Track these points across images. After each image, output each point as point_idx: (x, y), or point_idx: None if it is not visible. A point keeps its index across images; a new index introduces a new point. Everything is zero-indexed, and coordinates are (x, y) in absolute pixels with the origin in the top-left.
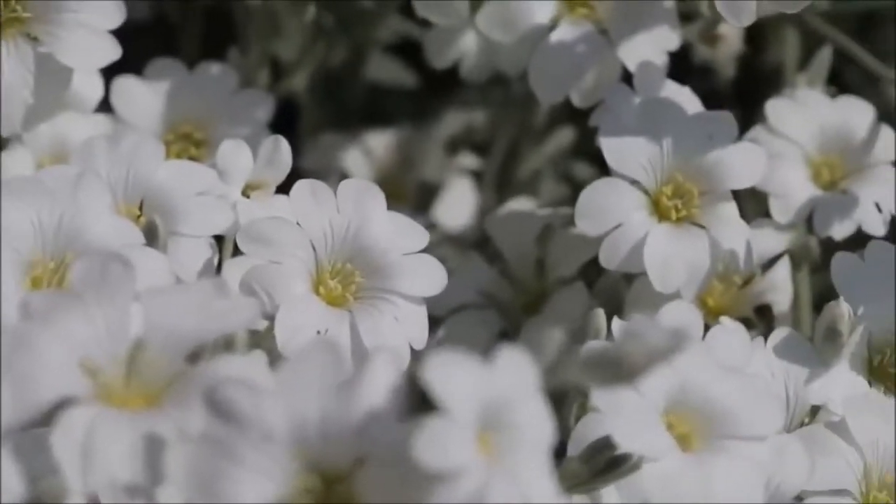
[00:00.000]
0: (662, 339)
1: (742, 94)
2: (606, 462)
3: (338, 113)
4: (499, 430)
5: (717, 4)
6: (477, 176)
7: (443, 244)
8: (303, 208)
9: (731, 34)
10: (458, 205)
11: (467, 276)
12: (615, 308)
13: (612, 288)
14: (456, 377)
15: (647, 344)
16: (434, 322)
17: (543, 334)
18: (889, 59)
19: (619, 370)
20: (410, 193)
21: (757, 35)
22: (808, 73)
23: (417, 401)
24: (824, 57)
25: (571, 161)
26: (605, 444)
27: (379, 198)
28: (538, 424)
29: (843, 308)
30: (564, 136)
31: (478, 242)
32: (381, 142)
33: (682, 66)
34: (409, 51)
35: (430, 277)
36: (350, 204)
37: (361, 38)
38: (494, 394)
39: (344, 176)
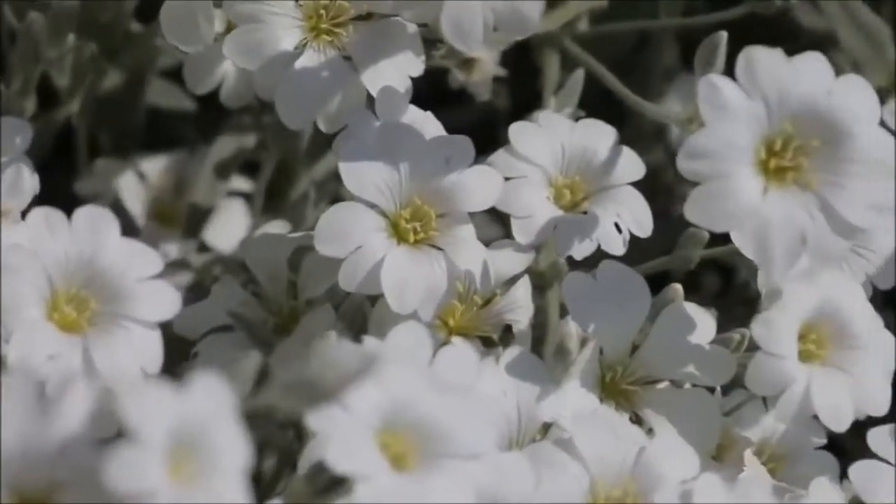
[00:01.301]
0: (354, 361)
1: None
2: (327, 482)
3: (118, 139)
4: (193, 453)
5: (444, 31)
6: (249, 198)
7: (215, 266)
8: (37, 236)
9: (487, 58)
10: (228, 227)
11: (220, 298)
12: (360, 328)
13: (358, 309)
14: (147, 404)
15: (340, 366)
16: (190, 345)
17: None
18: (670, 76)
19: (316, 392)
20: (183, 217)
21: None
22: (560, 95)
23: None
24: (577, 80)
25: (341, 184)
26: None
27: (112, 224)
28: (233, 447)
29: (570, 327)
30: (332, 160)
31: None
32: (154, 166)
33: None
34: None
35: (164, 303)
36: (83, 231)
37: (131, 64)
38: (189, 419)
39: (119, 201)
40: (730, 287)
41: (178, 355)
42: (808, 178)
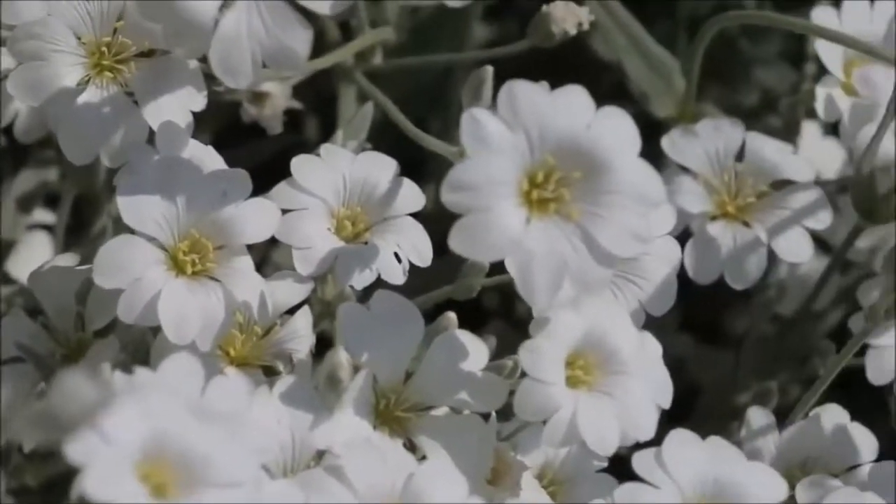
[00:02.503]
0: (93, 393)
1: None
2: None
3: None
4: None
5: (213, 67)
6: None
7: (17, 298)
8: None
9: (277, 92)
10: (32, 259)
11: (10, 331)
12: (143, 359)
13: (140, 340)
14: None
15: (80, 399)
16: None
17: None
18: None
19: (58, 424)
20: None
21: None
22: (348, 128)
23: None
24: (366, 113)
25: None
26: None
27: None
28: None
29: (341, 356)
30: None
31: None
32: None
33: None
34: None
35: None
36: None
37: None
38: None
39: None
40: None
41: None
42: (570, 208)
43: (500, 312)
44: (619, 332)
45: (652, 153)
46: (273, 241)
